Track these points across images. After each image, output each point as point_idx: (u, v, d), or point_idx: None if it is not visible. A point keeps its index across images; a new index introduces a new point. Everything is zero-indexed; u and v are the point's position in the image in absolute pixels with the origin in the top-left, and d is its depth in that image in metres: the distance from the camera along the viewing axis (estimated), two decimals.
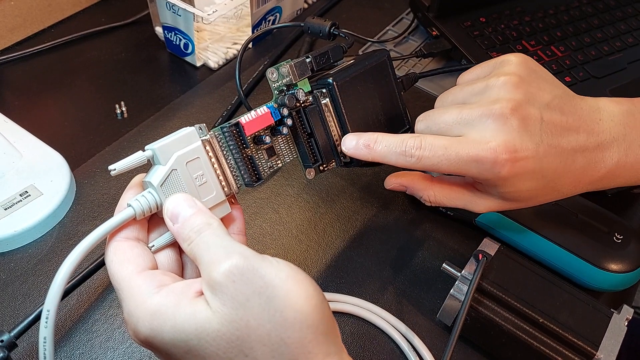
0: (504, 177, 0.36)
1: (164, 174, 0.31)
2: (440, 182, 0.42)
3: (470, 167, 0.36)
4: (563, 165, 0.37)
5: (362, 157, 0.39)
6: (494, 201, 0.39)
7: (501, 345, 0.42)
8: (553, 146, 0.36)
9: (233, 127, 0.34)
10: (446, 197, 0.41)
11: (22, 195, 0.48)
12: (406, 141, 0.37)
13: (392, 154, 0.37)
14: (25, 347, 0.41)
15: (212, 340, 0.27)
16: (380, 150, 0.38)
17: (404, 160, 0.37)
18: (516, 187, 0.37)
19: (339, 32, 0.44)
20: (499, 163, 0.35)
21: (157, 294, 0.29)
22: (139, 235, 0.32)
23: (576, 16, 0.69)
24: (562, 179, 0.37)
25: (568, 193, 0.39)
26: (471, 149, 0.35)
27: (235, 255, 0.28)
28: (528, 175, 0.36)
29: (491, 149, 0.35)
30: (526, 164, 0.35)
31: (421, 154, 0.36)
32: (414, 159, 0.37)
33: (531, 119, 0.36)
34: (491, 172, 0.35)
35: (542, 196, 0.39)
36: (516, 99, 0.36)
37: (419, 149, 0.36)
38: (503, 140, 0.35)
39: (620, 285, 0.46)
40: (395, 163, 0.38)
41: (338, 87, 0.38)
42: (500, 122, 0.35)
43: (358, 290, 0.46)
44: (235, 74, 0.50)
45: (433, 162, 0.36)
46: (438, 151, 0.36)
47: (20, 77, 0.63)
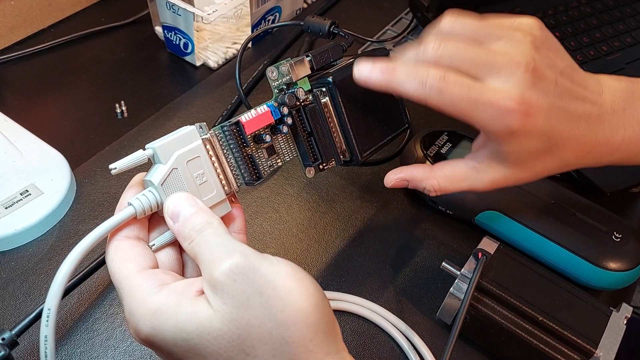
0: (514, 130, 0.35)
1: (164, 172, 0.31)
2: (441, 167, 0.41)
3: (485, 112, 0.35)
4: (568, 130, 0.37)
5: (375, 84, 0.36)
6: (497, 172, 0.39)
7: (501, 343, 0.42)
8: (562, 109, 0.36)
9: (233, 125, 0.34)
10: (449, 181, 0.40)
11: (22, 194, 0.48)
12: (428, 70, 0.35)
13: (412, 81, 0.35)
14: (27, 345, 0.41)
15: (213, 339, 0.27)
16: (398, 78, 0.36)
17: (423, 90, 0.35)
18: (522, 147, 0.36)
19: (338, 31, 0.44)
20: (513, 113, 0.34)
21: (158, 293, 0.29)
22: (140, 234, 0.32)
23: (575, 16, 0.69)
24: (566, 145, 0.37)
25: (569, 163, 0.39)
26: (492, 94, 0.35)
27: (236, 254, 0.28)
28: (535, 133, 0.36)
29: (509, 98, 0.34)
30: (537, 120, 0.35)
31: (444, 87, 0.34)
32: (434, 91, 0.35)
33: (547, 80, 0.36)
34: (503, 121, 0.35)
35: (545, 162, 0.38)
36: (535, 59, 0.36)
37: (443, 80, 0.35)
38: (520, 93, 0.35)
39: (619, 283, 0.46)
40: (412, 93, 0.35)
41: (337, 86, 0.38)
42: (519, 76, 0.35)
43: (358, 289, 0.47)
44: (235, 73, 0.50)
45: (452, 98, 0.35)
46: (462, 89, 0.35)
47: (21, 76, 0.63)
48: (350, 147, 0.40)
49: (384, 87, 0.36)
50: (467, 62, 0.35)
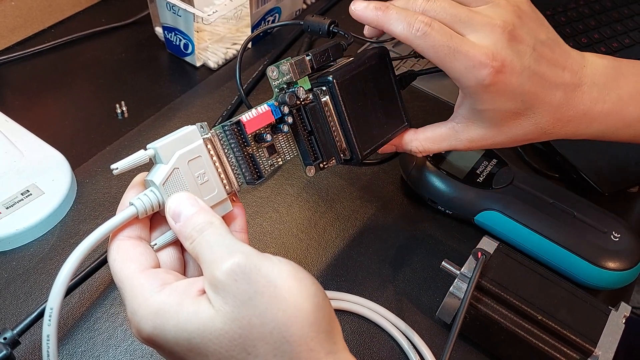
0: (485, 84, 0.37)
1: (165, 172, 0.32)
2: (424, 130, 0.43)
3: (461, 62, 0.37)
4: (543, 95, 0.39)
5: (367, 20, 0.39)
6: (475, 131, 0.41)
7: (500, 342, 0.42)
8: (537, 73, 0.38)
9: (234, 125, 0.34)
10: (431, 142, 0.43)
11: (23, 194, 0.48)
12: (417, 16, 0.38)
13: (400, 23, 0.38)
14: (28, 344, 0.41)
15: (215, 338, 0.27)
16: (389, 16, 0.38)
17: (409, 32, 0.37)
18: (495, 104, 0.38)
19: (338, 30, 0.44)
20: (485, 67, 0.37)
21: (160, 293, 0.29)
22: (142, 234, 0.32)
23: (573, 17, 0.69)
24: (541, 110, 0.39)
25: (547, 130, 0.40)
26: (469, 47, 0.37)
27: (237, 254, 0.28)
28: (508, 92, 0.38)
29: (484, 53, 0.37)
30: (508, 78, 0.37)
31: (429, 32, 0.37)
32: (420, 34, 0.37)
33: (524, 44, 0.38)
34: (475, 74, 0.37)
35: (520, 126, 0.40)
36: (515, 24, 0.38)
37: (429, 26, 0.37)
38: (495, 50, 0.37)
39: (618, 283, 0.46)
40: (399, 33, 0.38)
41: (338, 85, 0.38)
42: (498, 36, 0.37)
43: (358, 288, 0.47)
44: (236, 73, 0.50)
45: (434, 42, 0.37)
46: (444, 36, 0.37)
47: (21, 77, 0.63)
48: (351, 146, 0.40)
49: (374, 23, 0.39)
50: (450, 17, 0.38)
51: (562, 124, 0.40)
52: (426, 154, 0.44)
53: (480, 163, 0.51)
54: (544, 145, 0.58)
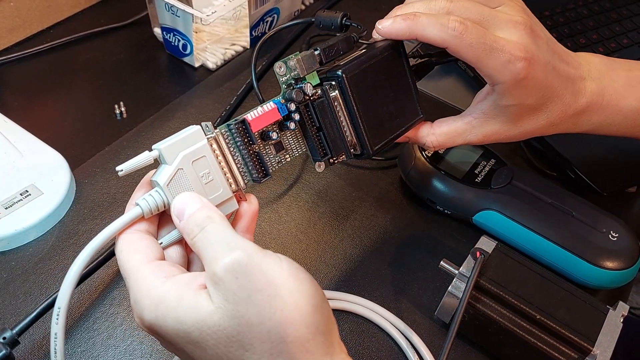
0: (520, 77, 0.38)
1: (170, 173, 0.32)
2: (439, 125, 0.43)
3: (498, 58, 0.37)
4: (558, 89, 0.40)
5: (398, 32, 0.38)
6: (492, 126, 0.41)
7: (499, 342, 0.42)
8: (555, 68, 0.39)
9: (239, 124, 0.34)
10: (447, 137, 0.42)
11: (22, 195, 0.48)
12: (449, 16, 0.37)
13: (435, 25, 0.37)
14: (27, 344, 0.41)
15: (213, 333, 0.27)
16: (421, 21, 0.38)
17: (446, 33, 0.37)
18: (520, 99, 0.39)
19: (351, 23, 0.44)
20: (520, 59, 0.37)
21: (163, 284, 0.29)
22: (149, 229, 0.33)
23: (571, 18, 0.70)
24: (554, 103, 0.40)
25: (553, 123, 0.41)
26: (504, 43, 0.38)
27: (237, 251, 0.28)
28: (534, 86, 0.39)
29: (518, 48, 0.37)
30: (537, 72, 0.38)
31: (464, 31, 0.37)
32: (456, 32, 0.37)
33: (541, 39, 0.39)
34: (512, 68, 0.37)
35: (535, 120, 0.41)
36: (530, 21, 0.39)
37: (464, 25, 0.37)
38: (525, 43, 0.38)
39: (616, 282, 0.46)
40: (435, 36, 0.37)
41: (347, 80, 0.37)
42: (522, 31, 0.38)
43: (356, 288, 0.47)
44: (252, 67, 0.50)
45: (472, 41, 0.37)
46: (479, 33, 0.37)
47: (20, 77, 0.63)
48: (361, 141, 0.39)
49: (406, 33, 0.38)
50: (475, 15, 0.38)
51: (567, 117, 0.41)
52: (440, 148, 0.44)
53: (479, 163, 0.51)
54: (542, 144, 0.58)
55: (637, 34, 0.70)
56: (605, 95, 0.42)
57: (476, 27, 0.37)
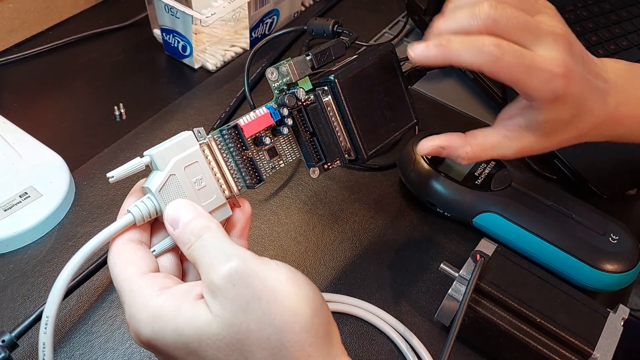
0: (559, 94, 0.37)
1: (162, 179, 0.32)
2: (474, 136, 0.42)
3: (537, 77, 0.37)
4: (591, 101, 0.39)
5: (432, 59, 0.37)
6: (526, 140, 0.41)
7: (499, 345, 0.42)
8: (588, 80, 0.39)
9: (232, 129, 0.34)
10: (482, 149, 0.42)
11: (21, 197, 0.48)
12: (483, 39, 0.36)
13: (469, 50, 0.36)
14: (26, 347, 0.41)
15: (213, 343, 0.27)
16: (455, 48, 0.37)
17: (481, 57, 0.36)
18: (557, 115, 0.39)
19: (342, 30, 0.44)
20: (560, 77, 0.37)
21: (159, 297, 0.29)
22: (142, 238, 0.32)
23: (571, 19, 0.70)
24: (586, 115, 0.40)
25: (583, 134, 0.41)
26: (542, 61, 0.37)
27: (234, 259, 0.28)
28: (571, 101, 0.38)
29: (557, 65, 0.37)
30: (575, 86, 0.38)
31: (500, 54, 0.36)
32: (492, 57, 0.36)
33: (577, 52, 0.39)
34: (551, 86, 0.37)
35: (568, 132, 0.40)
36: (569, 32, 0.39)
37: (499, 47, 0.36)
38: (564, 60, 0.37)
39: (616, 285, 0.46)
40: (470, 61, 0.37)
41: (340, 85, 0.38)
42: (562, 45, 0.38)
43: (356, 290, 0.47)
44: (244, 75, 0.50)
45: (509, 64, 0.36)
46: (515, 55, 0.36)
47: (19, 78, 0.63)
48: (355, 146, 0.39)
49: (440, 60, 0.37)
50: (520, 26, 0.37)
51: (595, 127, 0.41)
52: (474, 161, 0.43)
53: (479, 165, 0.51)
54: None
55: (637, 36, 0.70)
56: (629, 104, 0.41)
57: (513, 49, 0.37)
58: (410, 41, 0.71)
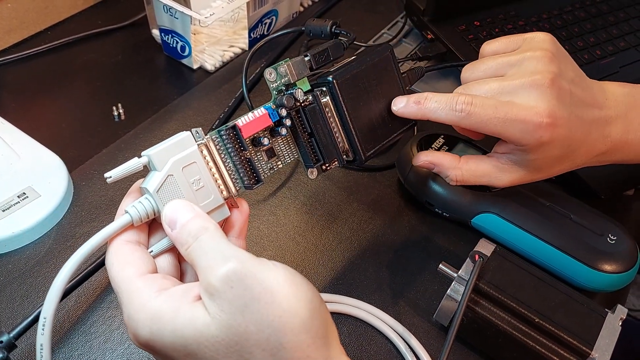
0: (543, 141, 0.38)
1: (159, 180, 0.32)
2: (467, 161, 0.44)
3: (515, 128, 0.38)
4: (583, 136, 0.40)
5: (411, 115, 0.41)
6: (517, 173, 0.42)
7: (497, 345, 0.42)
8: (578, 117, 0.40)
9: (230, 130, 0.34)
10: (472, 175, 0.43)
11: (19, 197, 0.48)
12: (457, 97, 0.39)
13: (443, 110, 0.39)
14: (24, 348, 0.41)
15: (211, 345, 0.27)
16: (430, 106, 0.40)
17: (454, 115, 0.39)
18: (546, 154, 0.40)
19: (340, 31, 0.44)
20: (542, 127, 0.38)
21: (157, 298, 0.29)
22: (140, 239, 0.32)
23: (569, 20, 0.70)
24: (580, 149, 0.41)
25: (579, 163, 0.42)
26: (519, 111, 0.38)
27: (232, 260, 0.28)
28: (559, 141, 0.39)
29: (537, 113, 0.38)
30: (561, 130, 0.39)
31: (472, 110, 0.38)
32: (464, 114, 0.38)
33: (565, 92, 0.39)
34: (533, 135, 0.38)
35: (560, 165, 0.41)
36: (553, 72, 0.39)
37: (470, 105, 0.38)
38: (546, 107, 0.38)
39: (614, 285, 0.46)
40: (444, 118, 0.40)
41: (338, 85, 0.38)
42: (542, 91, 0.38)
43: (355, 291, 0.47)
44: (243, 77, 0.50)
45: (482, 119, 0.38)
46: (488, 109, 0.38)
47: (17, 79, 0.63)
48: (353, 147, 0.39)
49: (419, 116, 0.41)
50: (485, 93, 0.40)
51: (591, 157, 0.42)
52: (461, 184, 0.45)
53: None
54: None
55: (634, 37, 0.70)
56: (630, 132, 0.42)
57: (486, 104, 0.38)
58: (409, 42, 0.71)
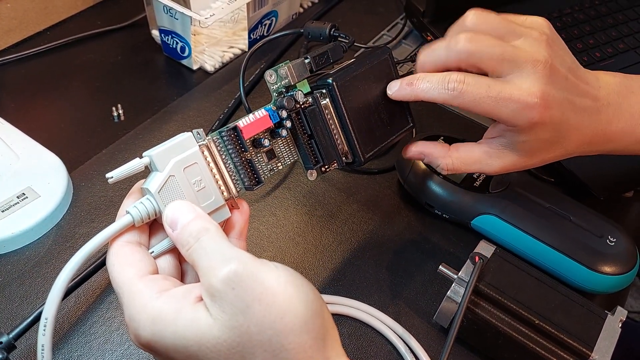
0: (534, 122, 0.38)
1: (161, 180, 0.32)
2: (457, 149, 0.43)
3: (507, 107, 0.38)
4: (574, 122, 0.40)
5: (405, 97, 0.40)
6: (508, 158, 0.41)
7: (497, 346, 0.42)
8: (571, 103, 0.39)
9: (231, 131, 0.34)
10: (463, 162, 0.43)
11: (19, 197, 0.48)
12: (449, 76, 0.38)
13: (435, 89, 0.39)
14: (24, 348, 0.41)
15: (213, 346, 0.27)
16: (422, 87, 0.39)
17: (446, 94, 0.38)
18: (537, 137, 0.39)
19: (339, 34, 0.44)
20: (534, 107, 0.37)
21: (158, 299, 0.29)
22: (141, 240, 0.32)
23: (568, 22, 0.70)
24: (570, 135, 0.40)
25: (570, 151, 0.42)
26: (512, 90, 0.38)
27: (233, 261, 0.28)
28: (550, 125, 0.39)
29: (530, 94, 0.37)
30: (553, 113, 0.38)
31: (464, 89, 0.38)
32: (456, 92, 0.38)
33: (559, 76, 0.39)
34: (526, 115, 0.38)
35: (552, 151, 0.41)
36: (550, 56, 0.39)
37: (462, 83, 0.38)
38: (540, 88, 0.38)
39: (614, 287, 0.46)
40: (437, 98, 0.39)
41: (338, 88, 0.38)
42: (540, 72, 0.38)
43: (355, 292, 0.47)
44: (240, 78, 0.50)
45: (474, 97, 0.38)
46: (481, 88, 0.38)
47: (17, 79, 0.62)
48: (353, 149, 0.40)
49: (412, 98, 0.40)
50: (495, 57, 0.38)
51: (583, 144, 0.41)
52: (453, 172, 0.44)
53: None
54: None
55: (633, 39, 0.70)
56: (621, 121, 0.42)
57: (478, 83, 0.38)
58: (409, 43, 0.71)
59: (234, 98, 0.61)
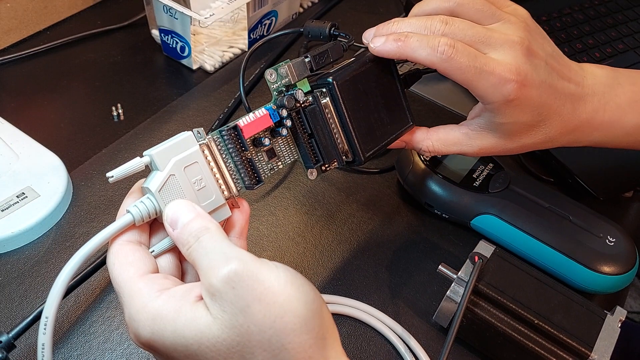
0: (510, 99, 0.38)
1: (161, 179, 0.31)
2: (436, 131, 0.43)
3: (487, 80, 0.38)
4: (555, 106, 0.40)
5: (390, 53, 0.39)
6: (487, 139, 0.41)
7: (497, 346, 0.42)
8: (551, 86, 0.39)
9: (231, 130, 0.34)
10: (443, 144, 0.43)
11: (18, 197, 0.48)
12: (439, 39, 0.38)
13: (424, 49, 0.38)
14: (23, 348, 0.41)
15: (212, 345, 0.27)
16: (411, 44, 0.38)
17: (434, 56, 0.38)
18: (514, 118, 0.39)
19: (339, 33, 0.44)
20: (511, 82, 0.38)
21: (158, 298, 0.29)
22: (141, 239, 0.32)
23: (568, 23, 0.70)
24: (552, 120, 0.40)
25: (553, 139, 0.41)
26: (495, 65, 0.38)
27: (233, 261, 0.28)
28: (528, 105, 0.39)
29: (507, 70, 0.38)
30: (530, 92, 0.38)
31: (454, 55, 0.37)
32: (445, 57, 0.37)
33: (538, 58, 0.39)
34: (501, 90, 0.38)
35: (532, 135, 0.41)
36: (528, 39, 0.39)
37: (452, 48, 0.37)
38: (517, 65, 0.38)
39: (613, 287, 0.46)
40: (424, 59, 0.38)
41: (338, 87, 0.38)
42: (517, 51, 0.38)
43: (354, 292, 0.47)
44: (240, 80, 0.50)
45: (461, 65, 0.37)
46: (469, 56, 0.37)
47: (16, 79, 0.62)
48: (353, 148, 0.40)
49: (397, 54, 0.39)
50: (470, 37, 0.38)
51: (566, 132, 0.41)
52: (435, 154, 0.44)
53: (477, 167, 0.51)
54: (540, 150, 0.58)
55: (632, 39, 0.70)
56: (607, 111, 0.42)
57: (467, 50, 0.38)
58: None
59: (234, 97, 0.61)
